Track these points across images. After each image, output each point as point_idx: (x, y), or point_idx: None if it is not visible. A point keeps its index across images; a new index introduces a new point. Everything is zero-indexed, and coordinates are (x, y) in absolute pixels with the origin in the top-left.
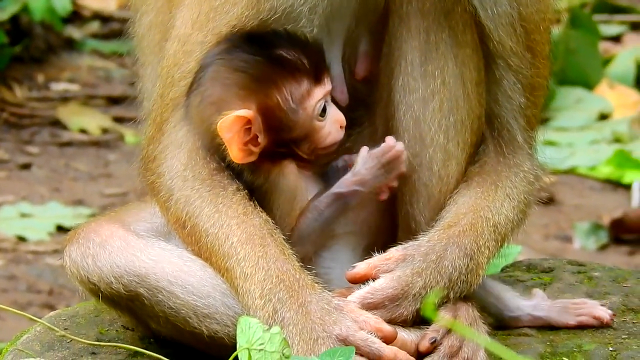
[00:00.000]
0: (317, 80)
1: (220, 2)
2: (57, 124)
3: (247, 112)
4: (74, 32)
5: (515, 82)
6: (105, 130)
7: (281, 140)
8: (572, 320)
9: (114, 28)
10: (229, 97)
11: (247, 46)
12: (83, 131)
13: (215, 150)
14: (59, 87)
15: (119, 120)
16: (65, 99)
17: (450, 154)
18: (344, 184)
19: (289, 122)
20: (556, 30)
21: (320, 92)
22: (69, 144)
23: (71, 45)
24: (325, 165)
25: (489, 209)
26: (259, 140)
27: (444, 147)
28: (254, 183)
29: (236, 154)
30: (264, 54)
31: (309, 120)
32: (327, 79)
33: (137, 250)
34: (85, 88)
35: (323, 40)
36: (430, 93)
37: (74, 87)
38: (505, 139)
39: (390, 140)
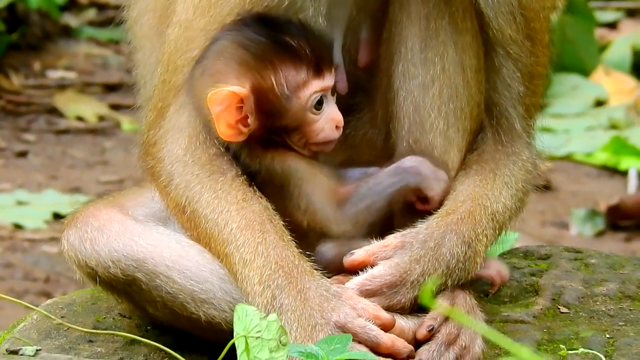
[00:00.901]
0: (317, 72)
1: None
2: (53, 111)
3: (239, 90)
4: (70, 19)
5: (514, 70)
6: (101, 118)
7: (272, 126)
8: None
9: (110, 15)
10: (227, 71)
11: (256, 26)
12: (80, 119)
13: (209, 126)
14: (55, 74)
15: (115, 107)
16: (62, 86)
17: (450, 140)
18: (405, 161)
19: (281, 108)
20: (553, 18)
21: (317, 85)
22: (65, 131)
23: (68, 32)
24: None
25: (487, 197)
26: (249, 121)
27: (444, 133)
28: (251, 167)
29: (224, 130)
30: (269, 36)
31: (301, 110)
32: (330, 74)
33: (135, 235)
34: (81, 75)
35: (324, 28)
36: (430, 79)
37: (70, 75)
38: (504, 127)
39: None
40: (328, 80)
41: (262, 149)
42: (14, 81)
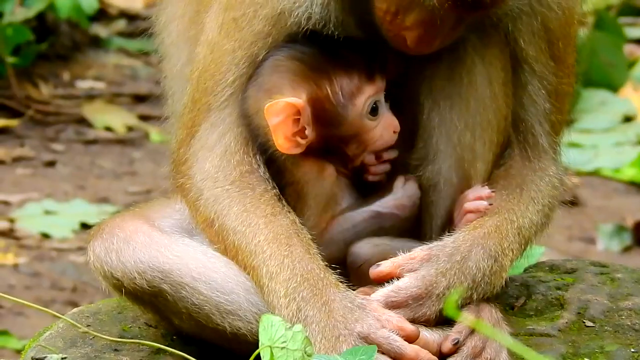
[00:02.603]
0: (368, 77)
1: (241, 13)
2: (82, 121)
3: (296, 101)
4: (100, 30)
5: (539, 87)
6: (130, 128)
7: (330, 137)
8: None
9: (140, 26)
10: (282, 83)
11: (304, 41)
12: (108, 129)
13: (264, 143)
14: (84, 84)
15: (144, 118)
16: (90, 96)
17: (476, 153)
18: (384, 205)
19: (338, 116)
20: (581, 33)
21: (370, 90)
22: (94, 141)
23: (97, 43)
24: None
25: (514, 211)
26: (307, 133)
27: (470, 146)
28: (291, 179)
29: (282, 142)
30: (319, 47)
31: (358, 117)
32: (380, 78)
33: (161, 246)
34: (110, 86)
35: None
36: (456, 92)
37: (99, 85)
38: (530, 143)
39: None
40: (379, 84)
41: (314, 160)
42: (42, 91)
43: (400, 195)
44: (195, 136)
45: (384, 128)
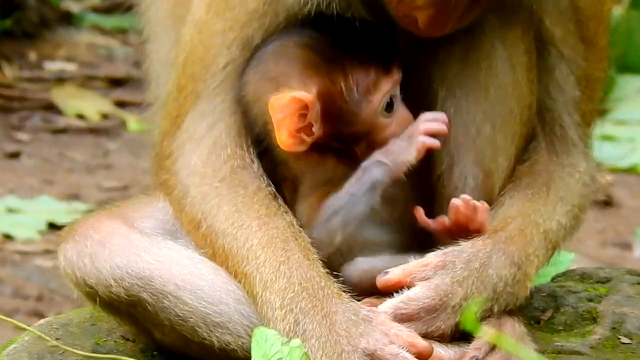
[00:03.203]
0: (385, 69)
1: None
2: (50, 108)
3: (305, 95)
4: (71, 4)
5: (568, 72)
6: (105, 116)
7: (338, 135)
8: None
9: (117, 1)
10: (290, 73)
11: (315, 26)
12: (80, 116)
13: (261, 134)
14: (53, 66)
15: (121, 104)
16: (60, 79)
17: (498, 145)
18: (383, 171)
19: (350, 114)
20: (615, 12)
21: (388, 84)
22: (63, 130)
23: (68, 19)
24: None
25: (540, 213)
26: (314, 130)
27: (491, 138)
28: (288, 173)
29: (285, 139)
30: (334, 34)
31: (372, 115)
32: (397, 69)
33: (141, 250)
34: (83, 68)
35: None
36: (474, 78)
37: (70, 67)
38: (558, 136)
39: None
40: (397, 77)
41: (318, 155)
42: (6, 73)
43: (390, 147)
44: (180, 127)
45: (398, 125)
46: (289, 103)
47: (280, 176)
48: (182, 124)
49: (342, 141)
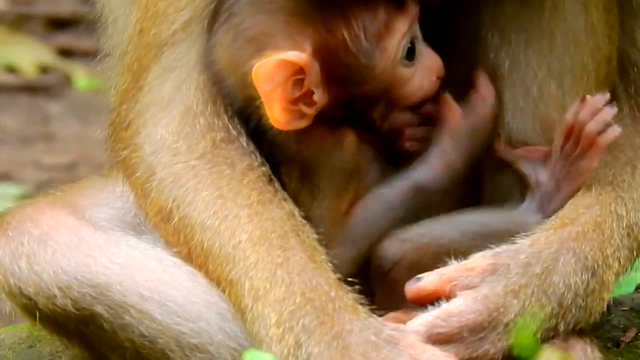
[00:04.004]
0: (399, 4)
1: None
2: None
3: (298, 56)
4: None
5: None
6: (44, 69)
7: (349, 100)
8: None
9: None
10: (275, 29)
11: None
12: (11, 70)
13: (250, 113)
14: None
15: (65, 53)
16: None
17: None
18: (430, 174)
19: (361, 69)
20: None
21: (404, 23)
22: None
23: None
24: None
25: (623, 201)
26: (315, 97)
27: (558, 100)
28: (291, 154)
29: (279, 116)
30: None
31: (390, 66)
32: (413, 2)
33: (94, 249)
34: (15, 5)
35: None
36: (535, 21)
37: None
38: None
39: (484, 89)
40: (413, 11)
41: (328, 129)
42: None
43: (446, 149)
44: (143, 86)
45: (425, 74)
46: (277, 69)
47: (280, 157)
48: (144, 80)
49: (354, 108)
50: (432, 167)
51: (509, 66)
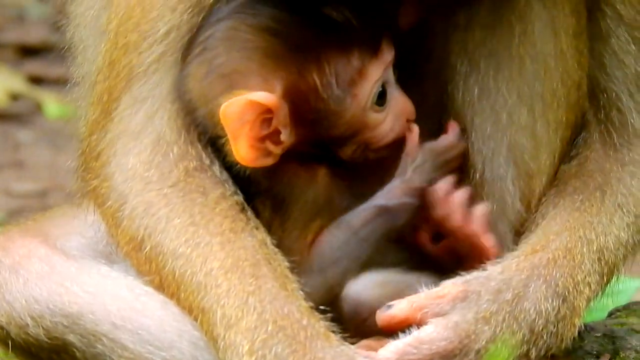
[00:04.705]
0: (373, 50)
1: None
2: None
3: (266, 97)
4: None
5: (628, 40)
6: (15, 97)
7: (316, 140)
8: None
9: None
10: (248, 68)
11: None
12: None
13: (219, 145)
14: None
15: (35, 81)
16: None
17: (537, 138)
18: (389, 194)
19: (330, 114)
20: None
21: (377, 69)
22: None
23: None
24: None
25: (592, 226)
26: (282, 137)
27: (528, 127)
28: (264, 187)
29: (245, 153)
30: (300, 11)
31: (360, 111)
32: (388, 46)
33: (65, 278)
34: None
35: None
36: (504, 47)
37: None
38: (616, 124)
39: (451, 130)
40: (388, 56)
41: (299, 165)
42: None
43: (409, 175)
44: (113, 116)
45: (395, 117)
46: (246, 108)
47: (253, 189)
48: (115, 111)
49: (322, 147)
50: (392, 187)
51: (478, 94)
